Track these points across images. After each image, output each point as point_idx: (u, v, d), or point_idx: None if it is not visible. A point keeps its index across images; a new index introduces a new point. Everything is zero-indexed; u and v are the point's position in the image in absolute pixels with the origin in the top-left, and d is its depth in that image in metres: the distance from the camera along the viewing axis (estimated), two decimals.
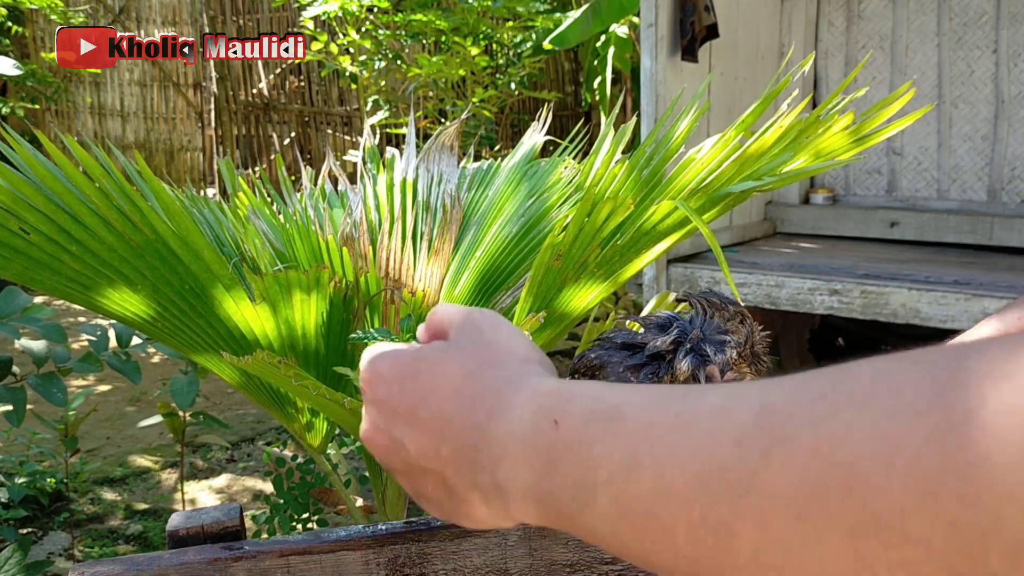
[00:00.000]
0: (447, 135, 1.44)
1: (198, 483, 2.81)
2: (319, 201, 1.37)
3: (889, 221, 3.55)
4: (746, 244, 3.51)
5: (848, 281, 2.78)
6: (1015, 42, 3.35)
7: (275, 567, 0.63)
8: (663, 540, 0.31)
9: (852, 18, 3.68)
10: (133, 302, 1.01)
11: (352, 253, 1.18)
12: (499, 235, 1.24)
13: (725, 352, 0.55)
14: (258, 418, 3.33)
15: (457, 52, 4.67)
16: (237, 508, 0.67)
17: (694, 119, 1.16)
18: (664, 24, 2.94)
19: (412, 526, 0.65)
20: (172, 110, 7.20)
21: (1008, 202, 3.44)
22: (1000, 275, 2.81)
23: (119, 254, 0.95)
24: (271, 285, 1.00)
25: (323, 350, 1.13)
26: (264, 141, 6.81)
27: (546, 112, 1.45)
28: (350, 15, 4.63)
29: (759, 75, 3.52)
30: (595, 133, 1.35)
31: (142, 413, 3.30)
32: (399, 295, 1.21)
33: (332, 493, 1.78)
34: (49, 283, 0.97)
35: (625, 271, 1.11)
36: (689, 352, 0.55)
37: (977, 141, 3.49)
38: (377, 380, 0.44)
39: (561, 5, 5.37)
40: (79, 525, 2.49)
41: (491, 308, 1.19)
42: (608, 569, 0.66)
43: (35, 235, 0.92)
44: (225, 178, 1.39)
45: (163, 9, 6.95)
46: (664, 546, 0.31)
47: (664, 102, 2.95)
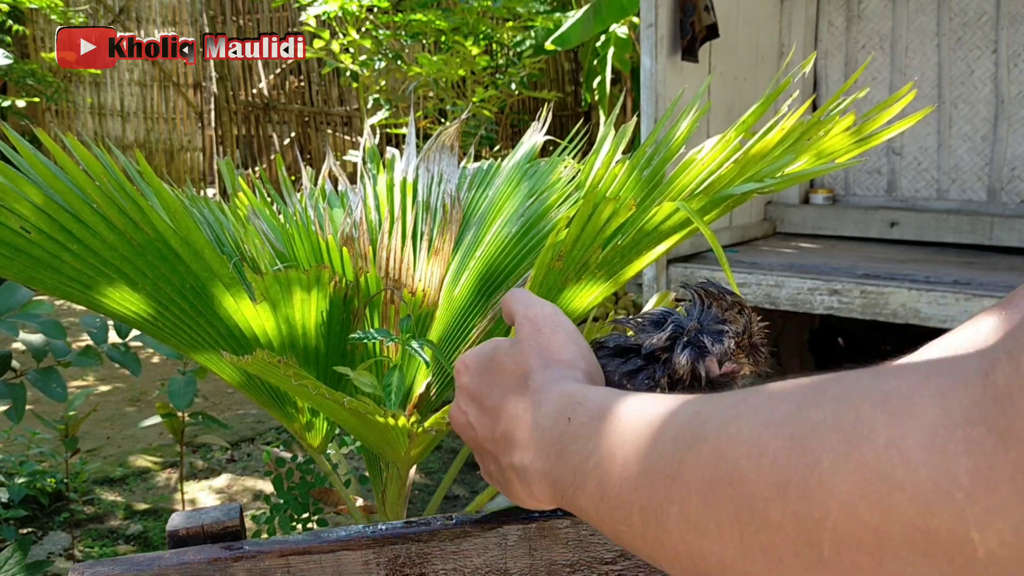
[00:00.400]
0: (447, 135, 1.44)
1: (198, 483, 2.81)
2: (319, 201, 1.37)
3: (889, 221, 3.55)
4: (746, 244, 3.51)
5: (848, 281, 2.78)
6: (1015, 42, 3.35)
7: (275, 567, 0.63)
8: (626, 521, 0.37)
9: (852, 18, 3.68)
10: (134, 301, 1.01)
11: (352, 253, 1.18)
12: (499, 235, 1.24)
13: (723, 342, 0.55)
14: (258, 418, 3.33)
15: (457, 52, 4.67)
16: (237, 508, 0.67)
17: (694, 119, 1.16)
18: (664, 24, 2.94)
19: (412, 526, 0.65)
20: (172, 110, 7.19)
21: (1008, 202, 3.44)
22: (1000, 275, 2.81)
23: (120, 253, 0.95)
24: (271, 284, 1.00)
25: (323, 349, 1.13)
26: (264, 141, 6.81)
27: (546, 112, 1.45)
28: (350, 15, 4.63)
29: (759, 75, 3.52)
30: (595, 133, 1.35)
31: (142, 413, 3.30)
32: (399, 295, 1.21)
33: (332, 493, 1.78)
34: (50, 282, 0.97)
35: (626, 271, 1.11)
36: (687, 345, 0.55)
37: (977, 141, 3.49)
38: (463, 369, 0.53)
39: (561, 5, 5.37)
40: (79, 525, 2.49)
41: (490, 308, 1.19)
42: (608, 569, 0.66)
43: (36, 234, 0.92)
44: (225, 178, 1.39)
45: (163, 9, 6.94)
46: (627, 527, 0.37)
47: (664, 102, 2.95)
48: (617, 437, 0.39)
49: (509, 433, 0.47)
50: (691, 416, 0.36)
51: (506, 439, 0.47)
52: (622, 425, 0.39)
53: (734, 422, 0.33)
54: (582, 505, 0.41)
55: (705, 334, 0.55)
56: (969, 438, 0.26)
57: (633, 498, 0.36)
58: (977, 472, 0.25)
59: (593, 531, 0.66)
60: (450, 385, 1.23)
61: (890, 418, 0.27)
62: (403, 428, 0.97)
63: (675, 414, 0.37)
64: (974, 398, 0.26)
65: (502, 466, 0.48)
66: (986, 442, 0.25)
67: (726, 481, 0.32)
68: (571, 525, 0.66)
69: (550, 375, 0.47)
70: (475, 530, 0.65)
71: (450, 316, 1.22)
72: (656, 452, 0.36)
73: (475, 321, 1.20)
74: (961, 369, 0.27)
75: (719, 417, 0.34)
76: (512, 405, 0.48)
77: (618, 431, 0.39)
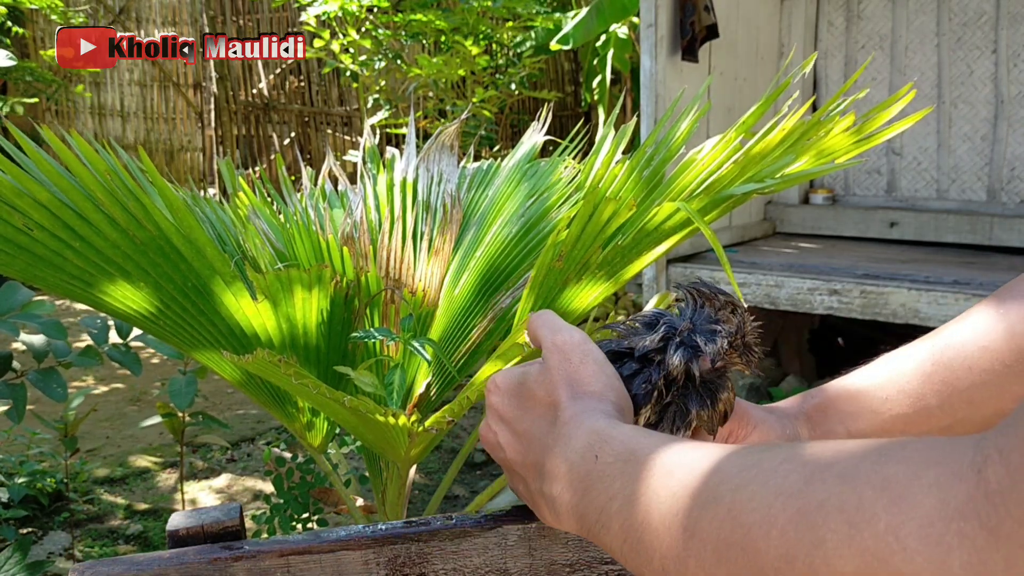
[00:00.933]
0: (447, 135, 1.44)
1: (198, 483, 2.81)
2: (319, 201, 1.37)
3: (889, 221, 3.55)
4: (746, 244, 3.51)
5: (847, 281, 2.78)
6: (1014, 42, 3.35)
7: (275, 567, 0.63)
8: (648, 565, 0.39)
9: (852, 18, 3.68)
10: (135, 299, 1.01)
11: (353, 252, 1.18)
12: (499, 235, 1.24)
13: (716, 342, 0.55)
14: (258, 418, 3.33)
15: (457, 52, 4.67)
16: (237, 508, 0.67)
17: (694, 120, 1.17)
18: (664, 24, 2.94)
19: (412, 526, 0.65)
20: (172, 110, 7.19)
21: (1007, 202, 3.44)
22: (999, 275, 2.81)
23: (122, 251, 0.95)
24: (272, 283, 1.00)
25: (324, 349, 1.13)
26: (264, 141, 6.81)
27: (546, 112, 1.45)
28: (350, 15, 4.63)
29: (759, 75, 3.52)
30: (595, 133, 1.35)
31: (142, 413, 3.30)
32: (399, 294, 1.21)
33: (332, 493, 1.78)
34: (52, 280, 0.97)
35: (626, 272, 1.11)
36: (680, 345, 0.55)
37: (976, 141, 3.49)
38: (495, 389, 0.54)
39: (561, 5, 5.37)
40: (79, 525, 2.49)
41: (490, 308, 1.19)
42: (608, 569, 0.66)
43: (39, 231, 0.92)
44: (225, 178, 1.39)
45: (163, 9, 6.94)
46: (649, 570, 0.39)
47: (664, 102, 2.95)
48: (641, 484, 0.40)
49: (539, 463, 0.49)
50: (709, 472, 0.37)
51: (536, 468, 0.49)
52: (645, 472, 0.41)
53: (747, 487, 0.35)
54: (607, 543, 0.43)
55: (698, 334, 0.55)
56: (963, 532, 0.27)
57: (655, 545, 0.38)
58: (970, 566, 0.27)
59: None
60: (450, 385, 1.23)
61: (890, 504, 0.29)
62: (403, 427, 0.97)
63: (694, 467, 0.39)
64: (968, 493, 0.27)
65: (531, 490, 0.50)
66: (979, 537, 0.27)
67: (739, 546, 0.34)
68: None
69: (579, 407, 0.48)
70: (475, 530, 0.65)
71: (450, 316, 1.22)
72: (676, 506, 0.38)
73: (475, 321, 1.20)
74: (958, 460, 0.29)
75: (734, 479, 0.36)
76: (543, 435, 0.49)
77: (641, 477, 0.41)
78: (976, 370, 0.55)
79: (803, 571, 0.31)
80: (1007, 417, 0.29)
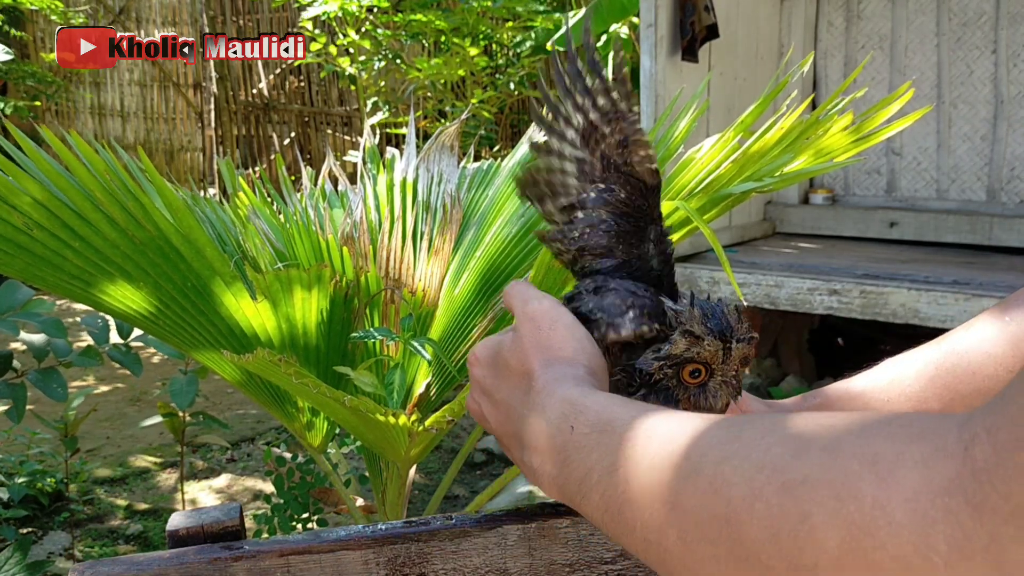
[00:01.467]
0: (447, 135, 1.44)
1: (198, 483, 2.81)
2: (319, 201, 1.38)
3: (888, 221, 3.55)
4: (745, 244, 3.51)
5: (847, 281, 2.78)
6: (1014, 42, 3.35)
7: (275, 567, 0.63)
8: (629, 535, 0.39)
9: (851, 18, 3.68)
10: (135, 299, 1.01)
11: (352, 252, 1.18)
12: (499, 235, 1.24)
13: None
14: (258, 418, 3.33)
15: (457, 52, 4.67)
16: (237, 508, 0.67)
17: (693, 119, 1.17)
18: (664, 24, 2.94)
19: (412, 526, 0.65)
20: (172, 110, 7.19)
21: (1007, 202, 3.44)
22: (999, 275, 2.82)
23: (122, 250, 0.95)
24: (272, 282, 1.00)
25: (324, 348, 1.13)
26: (264, 141, 6.81)
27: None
28: (350, 15, 4.63)
29: (759, 75, 3.52)
30: None
31: (142, 413, 3.30)
32: (399, 294, 1.21)
33: (332, 493, 1.78)
34: (52, 279, 0.97)
35: None
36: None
37: (976, 141, 3.49)
38: (475, 361, 0.54)
39: (560, 5, 5.36)
40: (79, 525, 2.49)
41: (490, 308, 1.19)
42: (608, 569, 0.66)
43: (38, 231, 0.92)
44: (225, 178, 1.39)
45: (163, 9, 6.94)
46: (630, 540, 0.39)
47: (663, 102, 2.95)
48: (619, 456, 0.40)
49: (519, 434, 0.49)
50: (689, 443, 0.37)
51: (517, 438, 0.49)
52: (623, 443, 0.40)
53: (730, 460, 0.35)
54: (588, 513, 0.42)
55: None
56: (948, 508, 0.28)
57: (635, 516, 0.38)
58: (954, 540, 0.27)
59: (593, 531, 0.66)
60: (450, 385, 1.23)
61: (877, 480, 0.29)
62: (403, 427, 0.97)
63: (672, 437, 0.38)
64: (955, 469, 0.28)
65: (517, 459, 0.51)
66: (963, 513, 0.27)
67: (722, 519, 0.34)
68: (571, 525, 0.66)
69: (552, 374, 0.48)
70: (475, 530, 0.65)
71: (450, 316, 1.22)
72: (655, 477, 0.37)
73: (475, 321, 1.20)
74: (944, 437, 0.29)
75: (716, 451, 0.36)
76: (519, 404, 0.49)
77: (619, 449, 0.40)
78: (980, 376, 0.55)
79: (788, 544, 0.31)
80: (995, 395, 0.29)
